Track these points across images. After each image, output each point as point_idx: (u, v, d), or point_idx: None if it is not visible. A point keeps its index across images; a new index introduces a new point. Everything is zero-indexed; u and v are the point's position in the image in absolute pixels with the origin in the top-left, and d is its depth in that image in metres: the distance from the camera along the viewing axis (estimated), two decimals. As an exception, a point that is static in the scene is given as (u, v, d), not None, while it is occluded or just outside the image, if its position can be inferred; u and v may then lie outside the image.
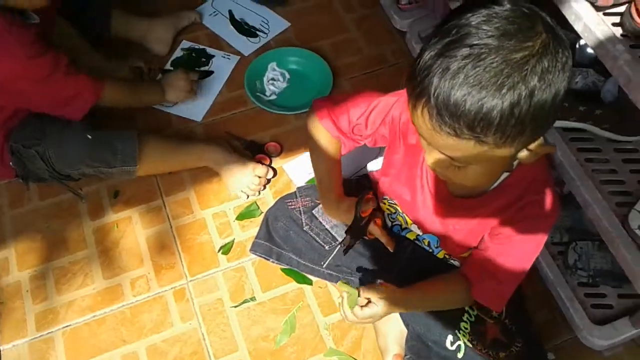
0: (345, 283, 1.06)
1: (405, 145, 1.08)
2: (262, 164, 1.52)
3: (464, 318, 1.17)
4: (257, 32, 1.86)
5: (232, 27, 1.87)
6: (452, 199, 1.04)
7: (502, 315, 1.17)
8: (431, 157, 0.86)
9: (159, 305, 1.35)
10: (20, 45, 1.20)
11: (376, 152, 1.54)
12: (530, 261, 1.06)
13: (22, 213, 1.49)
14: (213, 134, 1.63)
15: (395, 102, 1.08)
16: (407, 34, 1.72)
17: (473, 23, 0.76)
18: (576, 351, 1.28)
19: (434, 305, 1.12)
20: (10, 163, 1.38)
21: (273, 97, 1.71)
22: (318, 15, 1.91)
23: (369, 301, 1.02)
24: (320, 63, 1.75)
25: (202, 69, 1.78)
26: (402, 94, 1.11)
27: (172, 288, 1.37)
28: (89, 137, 1.34)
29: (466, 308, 1.18)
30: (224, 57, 1.81)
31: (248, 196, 1.50)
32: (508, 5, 0.77)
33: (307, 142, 1.18)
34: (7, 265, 1.41)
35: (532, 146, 0.83)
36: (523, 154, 0.84)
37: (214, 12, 1.92)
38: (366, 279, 1.25)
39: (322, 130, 1.15)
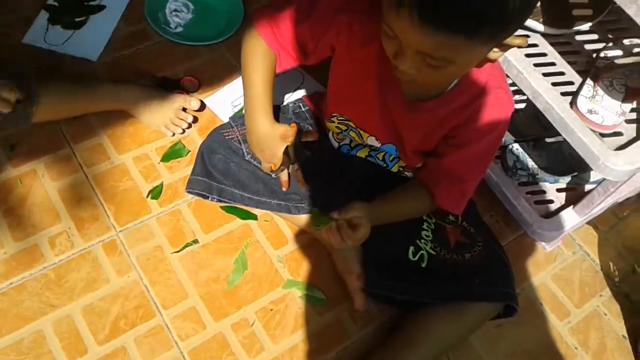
0: (316, 212, 1.01)
1: (355, 56, 1.02)
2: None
3: (424, 227, 1.17)
4: None
5: None
6: (410, 103, 1.01)
7: (459, 219, 1.18)
8: (405, 59, 0.81)
9: (87, 262, 1.19)
10: None
11: (294, 88, 1.48)
12: (492, 157, 1.07)
13: None
14: (118, 73, 1.45)
15: (341, 4, 1.01)
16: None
17: None
18: (520, 250, 1.34)
19: (399, 216, 1.10)
20: None
21: (179, 29, 1.57)
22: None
23: (352, 223, 0.97)
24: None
25: (92, 3, 1.57)
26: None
27: (100, 241, 1.22)
28: None
29: (424, 217, 1.18)
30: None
31: (174, 133, 1.37)
32: None
33: (238, 58, 1.08)
34: None
35: (507, 40, 0.81)
36: (495, 49, 0.83)
37: None
38: (319, 203, 1.19)
39: (259, 41, 1.06)
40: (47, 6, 1.53)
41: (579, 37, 1.19)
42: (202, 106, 1.42)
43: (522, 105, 1.37)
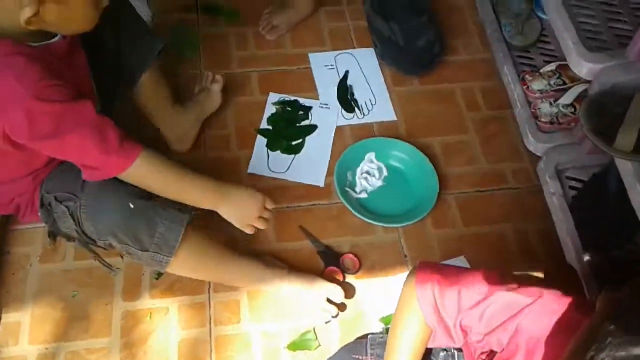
0: None
1: None
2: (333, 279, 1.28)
3: None
4: (356, 109, 1.60)
5: (335, 88, 1.63)
6: None
7: None
8: None
9: None
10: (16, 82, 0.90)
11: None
12: None
13: (51, 270, 1.28)
14: (285, 227, 1.38)
15: (528, 306, 0.80)
16: (541, 161, 1.42)
17: None
18: None
19: None
20: (39, 214, 1.14)
21: (363, 195, 1.45)
22: (434, 102, 1.64)
23: None
24: (427, 166, 1.47)
25: (303, 123, 1.56)
26: (541, 296, 0.83)
27: (193, 419, 1.13)
28: (131, 206, 1.07)
29: None
30: (322, 106, 1.58)
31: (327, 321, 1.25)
32: None
33: (413, 249, 0.91)
34: (17, 332, 1.20)
35: None
36: None
37: (331, 66, 1.68)
38: None
39: (417, 310, 0.88)
40: (262, 131, 1.53)
41: None
42: (344, 308, 1.28)
43: None
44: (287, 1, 1.75)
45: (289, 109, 1.58)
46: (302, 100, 1.59)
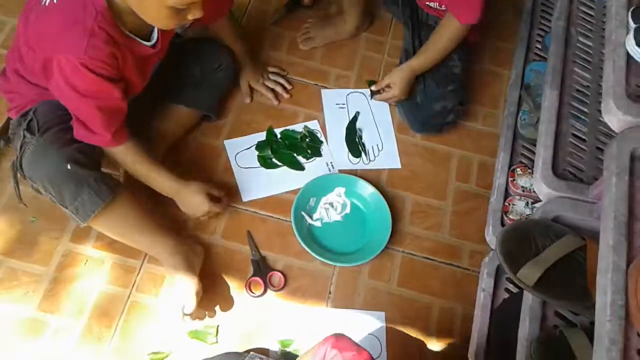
0: None
1: None
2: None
3: None
4: (362, 154, 1.64)
5: (344, 130, 1.67)
6: None
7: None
8: None
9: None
10: (81, 49, 1.09)
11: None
12: None
13: (24, 192, 1.39)
14: (235, 227, 1.48)
15: None
16: (487, 256, 1.44)
17: None
18: None
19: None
20: (15, 117, 1.30)
21: (318, 223, 1.52)
22: (428, 160, 1.67)
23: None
24: (387, 221, 1.52)
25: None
26: None
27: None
28: (68, 167, 1.18)
29: None
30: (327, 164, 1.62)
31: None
32: None
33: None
34: (-26, 233, 1.38)
35: None
36: None
37: (342, 105, 1.71)
38: None
39: None
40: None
41: None
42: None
43: None
44: (331, 19, 1.80)
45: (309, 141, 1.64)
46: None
